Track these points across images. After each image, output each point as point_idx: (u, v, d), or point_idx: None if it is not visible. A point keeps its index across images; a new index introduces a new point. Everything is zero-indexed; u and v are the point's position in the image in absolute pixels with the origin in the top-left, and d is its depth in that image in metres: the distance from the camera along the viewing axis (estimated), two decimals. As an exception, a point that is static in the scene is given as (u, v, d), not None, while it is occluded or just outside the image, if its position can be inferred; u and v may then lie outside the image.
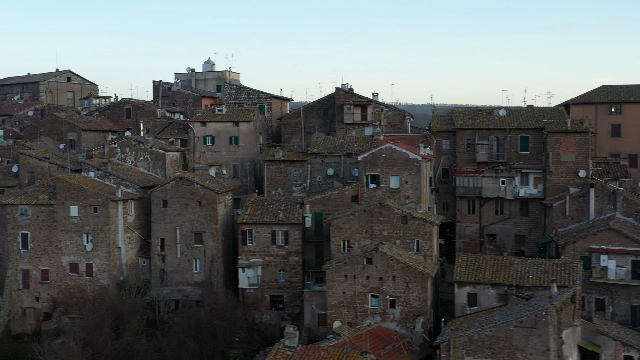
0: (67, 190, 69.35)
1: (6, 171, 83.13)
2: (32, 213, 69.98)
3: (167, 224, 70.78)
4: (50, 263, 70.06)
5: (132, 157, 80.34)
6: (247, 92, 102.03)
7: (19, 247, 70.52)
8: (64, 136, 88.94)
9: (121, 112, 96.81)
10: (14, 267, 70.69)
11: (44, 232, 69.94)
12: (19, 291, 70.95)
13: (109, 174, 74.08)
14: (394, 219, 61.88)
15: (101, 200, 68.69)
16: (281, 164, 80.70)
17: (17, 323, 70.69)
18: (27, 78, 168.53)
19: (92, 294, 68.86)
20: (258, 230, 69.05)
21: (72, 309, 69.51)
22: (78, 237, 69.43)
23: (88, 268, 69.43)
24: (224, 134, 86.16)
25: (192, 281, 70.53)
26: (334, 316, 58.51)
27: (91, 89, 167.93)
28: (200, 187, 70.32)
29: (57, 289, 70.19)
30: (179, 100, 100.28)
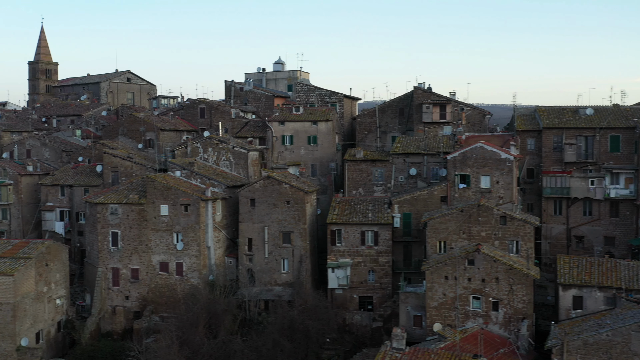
0: (157, 190, 69.67)
1: (89, 170, 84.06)
2: (123, 212, 70.48)
3: (255, 224, 70.68)
4: (140, 262, 70.45)
5: (214, 156, 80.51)
6: (318, 91, 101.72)
7: (109, 246, 71.05)
8: (143, 136, 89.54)
9: (195, 112, 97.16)
10: (104, 266, 71.25)
11: (134, 231, 70.36)
12: (109, 290, 71.50)
13: (195, 174, 74.27)
14: (493, 220, 60.86)
15: (192, 199, 68.87)
16: (362, 163, 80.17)
17: (106, 321, 71.23)
18: (87, 79, 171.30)
19: (182, 293, 69.05)
20: (347, 230, 68.56)
21: (162, 308, 69.85)
22: (168, 236, 69.69)
23: (178, 267, 69.65)
24: (302, 133, 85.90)
25: (281, 281, 70.31)
26: (433, 318, 57.62)
27: (150, 89, 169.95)
28: (288, 186, 70.08)
29: (147, 287, 70.56)
30: (251, 100, 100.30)
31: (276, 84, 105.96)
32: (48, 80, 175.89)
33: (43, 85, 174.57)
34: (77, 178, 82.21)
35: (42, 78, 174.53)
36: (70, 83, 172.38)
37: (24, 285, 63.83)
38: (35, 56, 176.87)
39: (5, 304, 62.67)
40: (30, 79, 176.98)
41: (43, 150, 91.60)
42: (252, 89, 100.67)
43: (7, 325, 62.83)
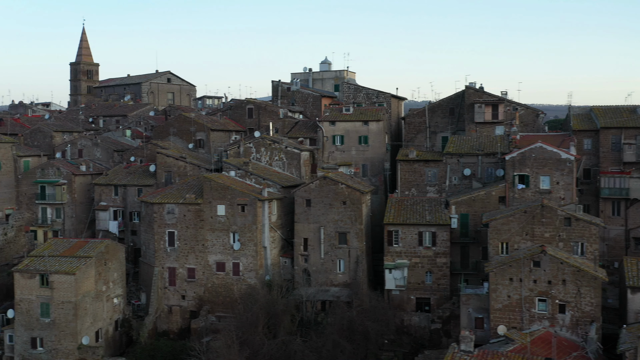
0: (214, 190, 69.79)
1: (141, 170, 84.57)
2: (179, 212, 70.72)
3: (311, 224, 70.47)
4: (196, 261, 70.64)
5: (267, 156, 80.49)
6: (365, 91, 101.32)
7: (165, 246, 71.33)
8: (193, 136, 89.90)
9: (243, 112, 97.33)
10: (161, 265, 71.55)
11: (191, 230, 70.57)
12: (165, 289, 71.79)
13: (249, 174, 74.29)
14: (557, 221, 59.87)
15: (249, 199, 68.89)
16: (415, 163, 79.47)
17: (163, 320, 71.53)
18: (127, 79, 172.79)
19: (239, 293, 69.09)
20: (404, 231, 68.04)
21: (218, 308, 69.97)
22: (225, 236, 69.78)
23: (235, 267, 69.71)
24: (353, 133, 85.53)
25: (337, 282, 70.03)
26: (497, 320, 56.81)
27: (189, 89, 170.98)
28: (345, 187, 69.77)
29: (203, 287, 70.72)
30: (299, 100, 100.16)
31: (322, 84, 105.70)
32: (89, 81, 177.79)
33: (84, 86, 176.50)
34: (130, 178, 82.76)
35: (83, 79, 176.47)
36: (111, 84, 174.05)
37: (84, 284, 64.38)
38: (77, 57, 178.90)
39: (67, 302, 63.29)
40: (71, 80, 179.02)
41: (95, 150, 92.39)
42: (300, 89, 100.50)
43: (69, 324, 63.42)
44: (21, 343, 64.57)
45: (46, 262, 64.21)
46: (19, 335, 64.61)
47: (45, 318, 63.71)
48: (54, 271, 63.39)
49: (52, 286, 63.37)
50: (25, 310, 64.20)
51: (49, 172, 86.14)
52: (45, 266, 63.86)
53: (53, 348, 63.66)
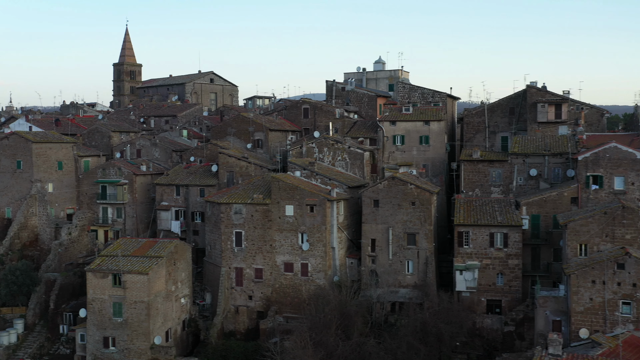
0: (282, 190, 69.52)
1: (202, 170, 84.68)
2: (247, 212, 70.56)
3: (379, 225, 69.88)
4: (264, 262, 70.41)
5: (329, 156, 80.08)
6: (420, 91, 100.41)
7: (232, 246, 71.22)
8: (251, 136, 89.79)
9: (298, 112, 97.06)
10: (227, 266, 71.45)
11: (258, 231, 70.35)
12: (232, 289, 71.67)
13: (315, 174, 73.94)
14: (639, 222, 58.62)
15: (318, 199, 68.51)
16: (479, 164, 78.54)
17: (229, 321, 71.40)
18: (170, 80, 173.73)
19: (307, 294, 68.74)
20: (475, 232, 67.15)
21: (286, 308, 69.70)
22: (293, 237, 69.46)
23: (303, 267, 69.35)
24: (413, 133, 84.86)
25: (405, 283, 69.39)
26: (579, 323, 55.70)
27: (232, 89, 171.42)
28: (414, 187, 69.11)
29: (270, 287, 70.47)
30: (353, 99, 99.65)
31: (377, 84, 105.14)
32: (132, 81, 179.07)
33: (127, 87, 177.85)
34: (191, 178, 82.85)
35: (126, 79, 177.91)
36: (153, 84, 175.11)
37: (156, 284, 64.49)
38: (120, 58, 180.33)
39: (140, 302, 63.43)
40: (115, 81, 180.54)
41: (153, 150, 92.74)
42: (354, 89, 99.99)
43: (142, 324, 63.57)
44: (93, 342, 64.84)
45: (119, 261, 64.41)
46: (91, 334, 64.90)
47: (118, 317, 63.92)
48: (126, 271, 63.57)
49: (124, 286, 63.55)
50: (98, 309, 64.48)
51: (110, 172, 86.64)
52: (117, 266, 64.07)
53: (125, 347, 63.86)
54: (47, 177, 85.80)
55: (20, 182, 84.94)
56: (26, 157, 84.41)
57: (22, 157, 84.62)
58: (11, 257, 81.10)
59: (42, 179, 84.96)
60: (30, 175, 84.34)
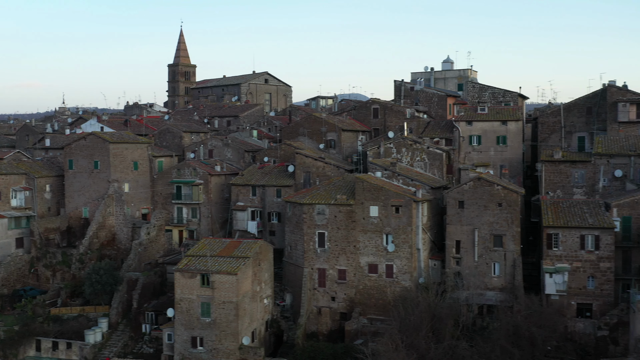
0: (366, 190, 69.02)
1: (277, 171, 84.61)
2: (330, 212, 70.19)
3: (464, 226, 68.92)
4: (347, 263, 69.98)
5: (408, 157, 79.36)
6: (491, 90, 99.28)
7: (315, 247, 70.93)
8: (324, 136, 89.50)
9: (368, 112, 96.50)
10: (310, 266, 71.18)
11: (342, 231, 69.94)
12: (315, 290, 71.37)
13: (397, 174, 73.30)
14: None
15: (404, 200, 67.84)
16: (560, 164, 77.15)
17: (311, 322, 71.12)
18: (224, 80, 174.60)
19: (392, 296, 68.15)
20: (565, 234, 65.81)
21: (370, 310, 69.20)
22: (378, 238, 68.90)
23: (388, 269, 68.75)
24: (490, 133, 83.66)
25: (491, 285, 68.32)
26: (683, 329, 54.30)
27: (286, 90, 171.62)
28: (500, 188, 68.02)
29: (354, 289, 70.00)
30: (422, 99, 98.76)
31: (445, 83, 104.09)
32: (186, 82, 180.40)
33: (182, 87, 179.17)
34: (267, 178, 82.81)
35: (181, 80, 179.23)
36: (208, 85, 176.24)
37: (244, 285, 64.48)
38: (175, 59, 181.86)
39: (229, 302, 63.45)
40: (169, 81, 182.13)
41: (225, 150, 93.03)
42: (424, 89, 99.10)
43: (230, 324, 63.58)
44: (181, 342, 65.06)
45: (206, 262, 64.55)
46: (179, 334, 65.13)
47: (206, 317, 64.01)
48: (215, 271, 63.64)
49: (213, 286, 63.63)
50: (186, 309, 64.66)
51: (184, 172, 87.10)
52: (205, 266, 64.21)
53: (213, 348, 63.95)
54: (124, 177, 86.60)
55: (98, 182, 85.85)
56: (103, 157, 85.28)
57: (99, 157, 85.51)
58: (90, 256, 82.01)
59: (118, 179, 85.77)
60: (108, 175, 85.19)
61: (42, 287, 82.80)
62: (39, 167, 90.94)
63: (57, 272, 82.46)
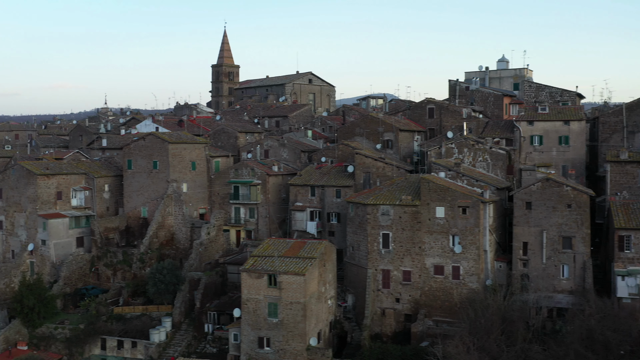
0: (432, 191, 68.35)
1: (334, 171, 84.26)
2: (394, 213, 69.64)
3: (531, 227, 67.88)
4: (412, 264, 69.38)
5: (470, 157, 78.47)
6: (548, 90, 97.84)
7: (379, 248, 70.44)
8: (380, 136, 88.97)
9: (423, 112, 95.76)
10: (374, 267, 70.72)
11: (407, 232, 69.36)
12: (378, 291, 70.90)
13: (461, 175, 72.49)
14: None
15: (471, 201, 67.04)
16: (627, 165, 75.50)
17: (375, 323, 70.63)
18: (267, 80, 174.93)
19: (459, 298, 67.40)
20: (637, 236, 64.47)
21: (435, 312, 68.52)
22: (444, 239, 68.19)
23: (454, 271, 67.99)
24: (552, 133, 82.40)
25: (560, 288, 67.21)
26: None
27: (329, 90, 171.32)
28: (570, 189, 66.86)
29: (419, 290, 69.38)
30: (478, 99, 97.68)
31: (500, 83, 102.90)
32: (230, 82, 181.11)
33: (226, 88, 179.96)
34: (326, 178, 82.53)
35: (225, 80, 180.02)
36: (252, 85, 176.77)
37: (311, 285, 64.25)
38: (219, 59, 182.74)
39: (296, 303, 63.26)
40: (213, 82, 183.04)
41: (281, 150, 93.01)
42: (479, 88, 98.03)
43: (297, 325, 63.39)
44: (248, 342, 65.06)
45: (274, 262, 64.46)
46: (246, 334, 65.13)
47: (273, 318, 63.91)
48: (282, 271, 63.51)
49: (280, 286, 63.50)
50: (253, 309, 64.63)
51: (242, 173, 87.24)
52: (272, 266, 64.12)
53: (281, 348, 63.82)
54: (182, 177, 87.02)
55: (156, 182, 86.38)
56: (162, 157, 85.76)
57: (158, 157, 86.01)
58: (150, 255, 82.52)
59: (177, 179, 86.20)
60: (167, 175, 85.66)
61: (103, 286, 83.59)
62: (97, 167, 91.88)
63: (118, 272, 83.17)
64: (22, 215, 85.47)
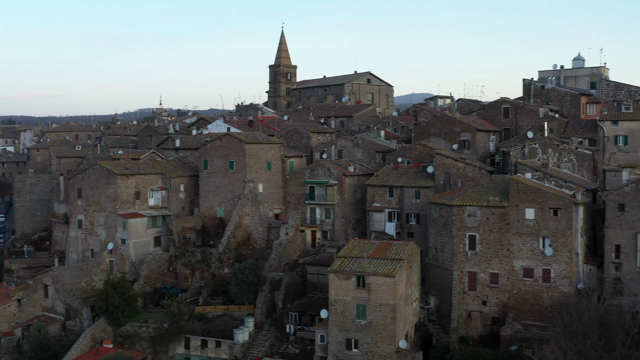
0: (522, 192, 67.08)
1: (412, 172, 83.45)
2: (482, 215, 68.57)
3: (624, 230, 66.11)
4: (500, 266, 68.21)
5: (554, 158, 76.87)
6: (627, 89, 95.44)
7: (465, 249, 69.44)
8: (457, 136, 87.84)
9: (497, 112, 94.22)
10: (459, 269, 69.75)
11: (494, 234, 68.20)
12: (464, 294, 69.90)
13: (549, 176, 71.02)
14: None
15: (563, 203, 65.61)
16: None
17: (461, 326, 69.61)
18: (325, 81, 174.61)
19: (550, 301, 66.06)
20: None
21: (524, 315, 67.27)
22: (534, 241, 66.87)
23: (545, 273, 66.63)
24: (638, 133, 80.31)
25: (656, 292, 65.30)
26: None
27: (387, 90, 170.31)
28: (666, 190, 64.89)
29: (507, 293, 68.17)
30: (554, 98, 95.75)
31: (576, 82, 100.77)
32: (287, 82, 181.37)
33: (283, 88, 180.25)
34: (405, 179, 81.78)
35: (282, 81, 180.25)
36: (309, 85, 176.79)
37: (400, 287, 63.57)
38: (276, 60, 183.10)
39: (386, 305, 62.62)
40: (270, 82, 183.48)
41: (355, 151, 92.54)
42: (555, 87, 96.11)
43: (387, 327, 62.75)
44: (335, 344, 64.63)
45: (362, 263, 63.98)
46: (333, 335, 64.73)
47: (361, 320, 63.36)
48: (371, 273, 62.95)
49: (369, 288, 62.93)
50: (340, 311, 64.18)
51: (318, 173, 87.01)
52: (361, 267, 63.63)
53: (369, 350, 63.25)
54: (258, 177, 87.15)
55: (233, 182, 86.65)
56: (239, 157, 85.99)
57: (235, 157, 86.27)
58: (228, 255, 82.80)
59: (253, 179, 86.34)
60: (243, 175, 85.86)
61: (181, 285, 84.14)
62: (173, 167, 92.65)
63: (196, 271, 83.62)
64: (101, 214, 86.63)
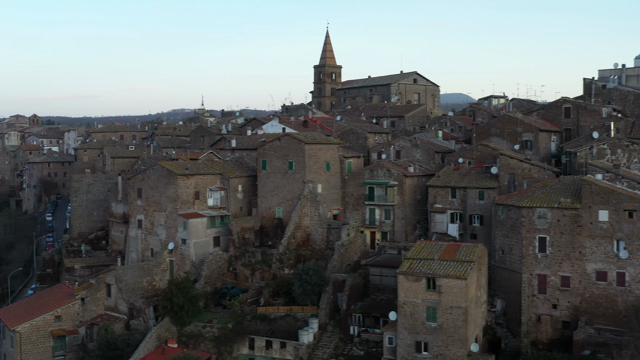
0: (595, 194, 65.68)
1: (474, 172, 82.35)
2: (552, 216, 67.28)
3: (701, 233, 64.34)
4: (572, 269, 66.86)
5: (624, 159, 75.18)
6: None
7: (535, 252, 68.21)
8: (519, 137, 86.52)
9: (558, 112, 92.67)
10: (529, 272, 68.53)
11: (566, 236, 66.88)
12: (534, 297, 68.68)
13: (621, 177, 69.41)
14: None
15: (638, 205, 64.06)
16: None
17: (530, 329, 68.42)
18: (370, 81, 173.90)
19: (624, 305, 64.55)
20: None
21: (597, 320, 65.80)
22: (607, 244, 65.42)
23: (619, 277, 65.11)
24: None
25: None
26: None
27: (434, 89, 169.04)
28: None
29: (579, 297, 66.79)
30: (616, 98, 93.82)
31: (638, 81, 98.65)
32: (332, 82, 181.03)
33: (328, 88, 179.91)
34: (467, 180, 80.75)
35: (327, 81, 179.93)
36: (355, 85, 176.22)
37: (471, 289, 62.66)
38: (321, 60, 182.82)
39: (457, 307, 61.74)
40: (315, 82, 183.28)
41: (414, 151, 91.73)
42: (617, 87, 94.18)
43: (458, 330, 61.86)
44: (404, 346, 63.95)
45: (432, 265, 63.21)
46: (402, 338, 64.04)
47: (432, 322, 62.55)
48: (442, 275, 62.15)
49: (439, 290, 62.11)
50: (410, 313, 63.47)
51: (377, 174, 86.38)
52: (431, 269, 62.86)
53: (439, 353, 62.43)
54: (317, 177, 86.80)
55: (292, 182, 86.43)
56: (298, 158, 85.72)
57: (294, 158, 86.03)
58: (288, 256, 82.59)
59: (312, 180, 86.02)
60: (302, 175, 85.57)
61: (240, 285, 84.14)
62: (231, 168, 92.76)
63: (257, 271, 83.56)
64: (161, 214, 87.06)
